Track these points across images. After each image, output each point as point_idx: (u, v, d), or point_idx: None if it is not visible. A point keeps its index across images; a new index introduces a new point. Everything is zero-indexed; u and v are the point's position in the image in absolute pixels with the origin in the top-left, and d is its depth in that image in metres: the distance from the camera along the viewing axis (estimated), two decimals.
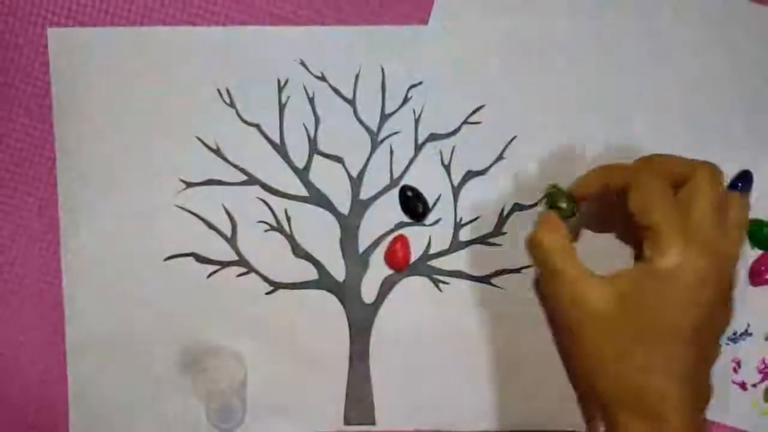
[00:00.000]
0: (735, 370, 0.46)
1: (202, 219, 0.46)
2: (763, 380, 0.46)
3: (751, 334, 0.46)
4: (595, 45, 0.45)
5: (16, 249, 0.46)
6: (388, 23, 0.45)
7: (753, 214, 0.45)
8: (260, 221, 0.46)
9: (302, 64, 0.45)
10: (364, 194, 0.46)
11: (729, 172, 0.45)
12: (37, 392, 0.47)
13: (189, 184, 0.46)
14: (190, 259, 0.46)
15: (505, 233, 0.46)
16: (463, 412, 0.47)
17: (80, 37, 0.45)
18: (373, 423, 0.47)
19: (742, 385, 0.46)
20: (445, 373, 0.46)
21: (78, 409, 0.47)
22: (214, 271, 0.46)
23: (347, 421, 0.47)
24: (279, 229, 0.46)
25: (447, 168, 0.45)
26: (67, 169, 0.46)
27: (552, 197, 0.41)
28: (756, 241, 0.46)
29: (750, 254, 0.46)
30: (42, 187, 0.46)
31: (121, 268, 0.46)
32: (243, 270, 0.46)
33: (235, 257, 0.46)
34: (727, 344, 0.46)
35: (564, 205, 0.40)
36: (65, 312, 0.46)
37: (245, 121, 0.45)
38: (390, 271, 0.46)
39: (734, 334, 0.46)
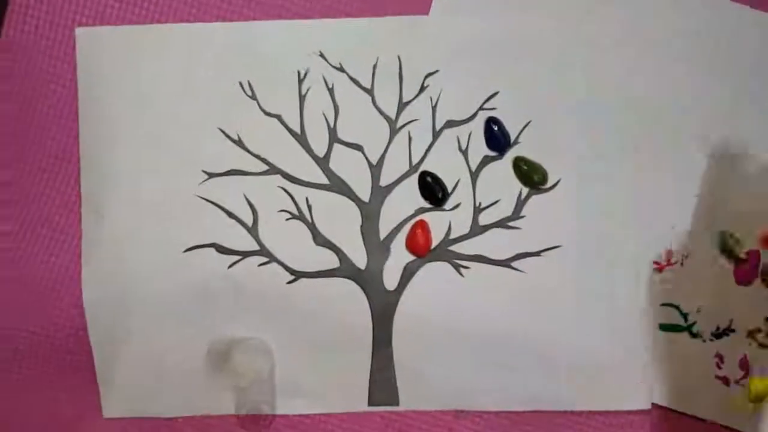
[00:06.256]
0: (718, 366, 0.46)
1: (224, 209, 0.46)
2: (745, 376, 0.46)
3: (734, 330, 0.46)
4: (607, 35, 0.46)
5: (39, 239, 0.46)
6: (402, 14, 0.46)
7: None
8: (281, 210, 0.46)
9: (321, 55, 0.46)
10: (384, 181, 0.46)
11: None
12: (61, 384, 0.47)
13: (211, 175, 0.46)
14: (211, 249, 0.46)
15: (523, 216, 0.46)
16: (483, 393, 0.46)
17: (107, 35, 0.46)
18: (396, 404, 0.46)
19: (725, 380, 0.46)
20: (467, 356, 0.46)
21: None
22: (236, 262, 0.46)
23: (372, 402, 0.46)
24: (300, 217, 0.46)
25: (465, 153, 0.46)
26: (90, 160, 0.46)
27: (522, 171, 0.45)
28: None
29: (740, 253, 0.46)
30: (65, 180, 0.46)
31: (142, 259, 0.46)
32: (264, 259, 0.46)
33: (256, 247, 0.46)
34: (711, 340, 0.46)
35: (535, 177, 0.45)
36: (84, 304, 0.46)
37: (266, 113, 0.46)
38: (411, 257, 0.46)
39: (717, 329, 0.46)
